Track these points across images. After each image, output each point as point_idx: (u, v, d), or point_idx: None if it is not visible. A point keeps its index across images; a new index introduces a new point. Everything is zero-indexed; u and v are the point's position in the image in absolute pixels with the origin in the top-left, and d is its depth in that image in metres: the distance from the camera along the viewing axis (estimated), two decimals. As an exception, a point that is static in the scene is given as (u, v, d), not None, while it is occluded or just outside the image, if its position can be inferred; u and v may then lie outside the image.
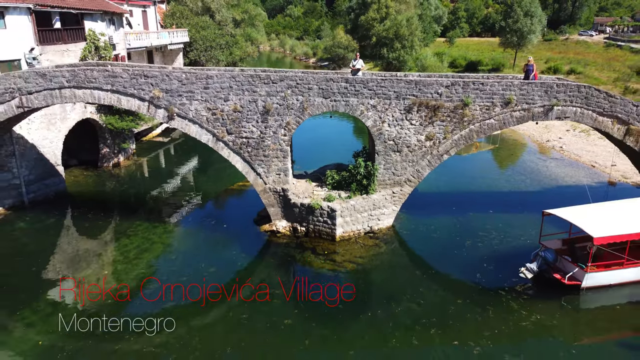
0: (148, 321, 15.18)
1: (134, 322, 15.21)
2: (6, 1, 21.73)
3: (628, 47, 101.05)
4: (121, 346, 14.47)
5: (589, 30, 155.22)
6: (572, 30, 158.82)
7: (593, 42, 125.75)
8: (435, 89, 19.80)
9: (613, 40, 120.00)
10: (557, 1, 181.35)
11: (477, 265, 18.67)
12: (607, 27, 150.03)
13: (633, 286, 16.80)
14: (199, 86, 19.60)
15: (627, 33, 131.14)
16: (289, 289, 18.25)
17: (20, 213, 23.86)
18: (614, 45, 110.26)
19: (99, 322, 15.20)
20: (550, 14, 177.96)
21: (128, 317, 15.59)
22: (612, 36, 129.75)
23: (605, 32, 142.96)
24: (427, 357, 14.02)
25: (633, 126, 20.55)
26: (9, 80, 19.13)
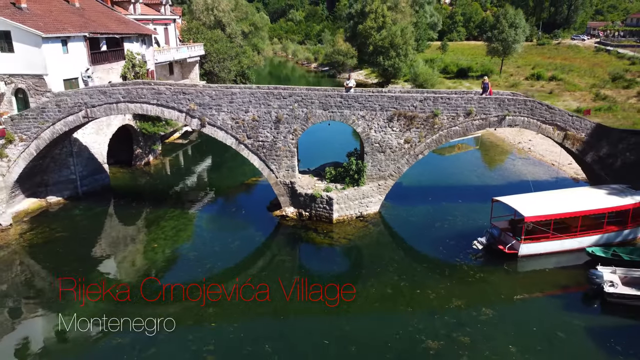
0: (192, 287, 20.24)
1: (174, 287, 20.39)
2: (69, 32, 27.08)
3: (615, 52, 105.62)
4: (162, 306, 19.72)
5: (581, 34, 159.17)
6: (565, 34, 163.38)
7: (584, 46, 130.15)
8: (411, 102, 25.10)
9: (603, 45, 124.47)
10: (553, 4, 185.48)
11: (443, 241, 23.93)
12: (599, 31, 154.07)
13: (557, 255, 22.04)
14: (225, 101, 24.93)
15: (617, 38, 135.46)
16: (295, 260, 23.68)
17: (76, 202, 29.19)
18: (603, 50, 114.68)
19: (137, 290, 20.15)
20: (547, 17, 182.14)
21: (170, 282, 20.83)
22: (603, 41, 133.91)
23: (598, 37, 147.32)
24: (403, 314, 18.88)
25: (570, 132, 25.84)
26: (78, 96, 24.49)
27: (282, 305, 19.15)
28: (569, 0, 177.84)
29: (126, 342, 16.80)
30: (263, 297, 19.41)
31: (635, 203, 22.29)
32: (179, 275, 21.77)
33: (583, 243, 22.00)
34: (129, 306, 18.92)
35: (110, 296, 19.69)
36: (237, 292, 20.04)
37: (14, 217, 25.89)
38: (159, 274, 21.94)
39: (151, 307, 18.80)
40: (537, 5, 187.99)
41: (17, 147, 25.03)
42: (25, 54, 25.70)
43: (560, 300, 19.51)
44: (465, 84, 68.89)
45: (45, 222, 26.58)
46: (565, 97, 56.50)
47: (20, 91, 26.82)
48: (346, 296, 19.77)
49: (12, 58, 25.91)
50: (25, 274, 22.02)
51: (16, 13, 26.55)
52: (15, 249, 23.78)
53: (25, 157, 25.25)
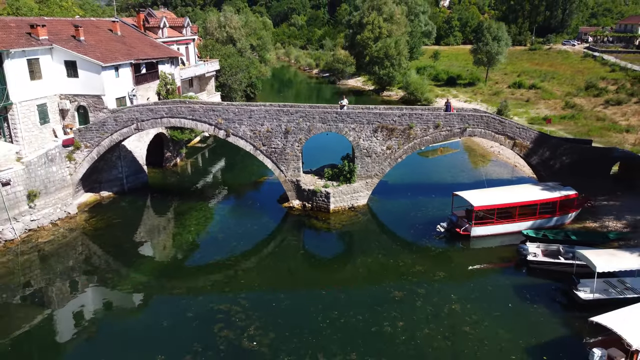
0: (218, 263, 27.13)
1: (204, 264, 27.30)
2: (120, 60, 33.96)
3: (600, 59, 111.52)
4: (195, 281, 26.63)
5: (571, 40, 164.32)
6: (558, 38, 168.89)
7: (574, 52, 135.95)
8: (392, 117, 31.90)
9: (591, 50, 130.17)
10: (549, 8, 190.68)
11: (415, 226, 30.70)
12: (589, 36, 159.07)
13: (501, 236, 28.77)
14: (246, 116, 31.76)
15: (606, 43, 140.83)
16: (301, 240, 30.53)
17: (122, 196, 36.05)
18: (591, 55, 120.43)
19: (172, 266, 26.76)
20: (542, 20, 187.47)
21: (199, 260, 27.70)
22: (592, 46, 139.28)
23: (588, 42, 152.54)
24: (380, 277, 25.78)
25: (517, 140, 32.61)
26: (131, 112, 31.36)
27: (290, 276, 25.96)
28: (564, 4, 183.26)
29: (164, 308, 22.66)
30: (275, 270, 26.29)
31: (562, 196, 29.09)
32: (208, 254, 28.40)
33: (520, 227, 28.76)
34: (166, 280, 25.26)
35: (150, 271, 26.20)
36: (255, 266, 26.89)
37: (78, 207, 32.75)
38: (190, 254, 28.74)
39: (185, 280, 25.23)
40: (533, 9, 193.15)
41: (82, 153, 31.92)
42: (87, 78, 32.57)
43: (498, 267, 26.31)
44: (452, 92, 75.64)
45: (100, 212, 33.44)
46: (539, 105, 63.11)
47: (81, 107, 33.69)
48: (340, 268, 26.66)
49: (76, 81, 32.79)
50: (85, 252, 28.56)
51: (78, 45, 33.44)
52: (80, 232, 30.57)
53: (88, 160, 32.16)
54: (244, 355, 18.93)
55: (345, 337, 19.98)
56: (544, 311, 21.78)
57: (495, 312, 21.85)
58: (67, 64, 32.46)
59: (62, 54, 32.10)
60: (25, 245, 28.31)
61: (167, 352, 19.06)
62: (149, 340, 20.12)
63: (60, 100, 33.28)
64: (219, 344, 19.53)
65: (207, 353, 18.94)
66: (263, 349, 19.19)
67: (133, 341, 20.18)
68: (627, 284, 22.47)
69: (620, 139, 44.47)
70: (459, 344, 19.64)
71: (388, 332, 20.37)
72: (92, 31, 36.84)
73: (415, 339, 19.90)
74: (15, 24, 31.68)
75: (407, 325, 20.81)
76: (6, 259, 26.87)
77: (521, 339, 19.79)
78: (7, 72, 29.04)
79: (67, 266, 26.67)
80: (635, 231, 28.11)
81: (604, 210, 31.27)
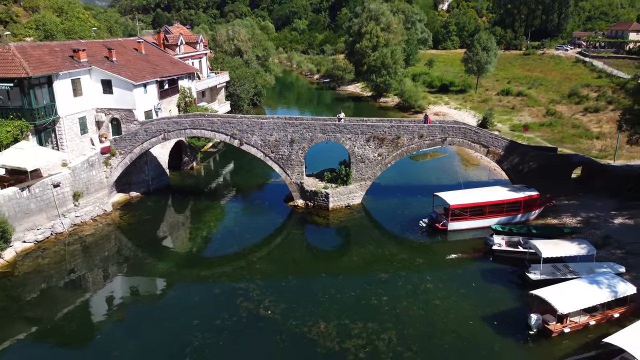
0: (232, 254, 32.47)
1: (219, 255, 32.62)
2: (148, 79, 39.27)
3: (590, 64, 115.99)
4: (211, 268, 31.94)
5: (564, 44, 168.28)
6: (552, 43, 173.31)
7: (566, 56, 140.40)
8: (382, 128, 37.14)
9: (583, 56, 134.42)
10: (545, 13, 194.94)
11: (402, 222, 35.95)
12: (582, 41, 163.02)
13: (473, 230, 33.97)
14: (257, 127, 37.03)
15: (597, 49, 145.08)
16: (304, 234, 35.79)
17: (148, 196, 41.32)
18: (581, 61, 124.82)
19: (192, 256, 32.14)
20: (538, 24, 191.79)
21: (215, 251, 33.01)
22: (584, 51, 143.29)
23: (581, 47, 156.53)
24: (371, 264, 31.15)
25: (491, 148, 37.83)
26: (159, 124, 36.67)
27: (295, 263, 31.24)
28: (560, 8, 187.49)
29: (193, 287, 27.86)
30: (283, 258, 31.59)
31: (526, 196, 34.33)
32: (225, 245, 33.65)
33: (490, 222, 33.98)
34: (191, 266, 30.52)
35: (175, 260, 31.46)
36: (266, 255, 32.17)
37: (112, 205, 38.04)
38: (209, 245, 34.01)
39: (207, 267, 30.49)
40: (530, 13, 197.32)
41: (117, 159, 37.24)
42: (121, 95, 37.89)
43: (468, 255, 31.53)
44: (444, 99, 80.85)
45: (130, 210, 38.73)
46: (523, 113, 68.24)
47: (114, 119, 38.99)
48: (337, 257, 31.94)
49: (111, 97, 38.12)
50: (119, 244, 33.79)
51: (112, 66, 38.75)
52: (115, 227, 35.84)
53: (122, 165, 37.48)
54: (261, 320, 24.22)
55: (340, 308, 25.26)
56: (501, 289, 27.05)
57: (461, 290, 27.10)
58: (104, 82, 37.78)
59: (99, 74, 37.43)
60: (71, 237, 33.60)
61: (201, 317, 24.36)
62: (184, 311, 25.38)
63: (97, 113, 38.61)
64: (241, 312, 24.85)
65: (232, 318, 24.25)
66: (276, 316, 24.49)
67: (171, 311, 25.50)
68: (569, 268, 27.67)
69: (589, 145, 49.67)
70: (430, 313, 24.91)
71: (374, 304, 25.66)
72: (121, 51, 42.12)
73: (396, 309, 25.16)
74: (59, 49, 37.01)
75: (390, 299, 26.07)
76: (57, 249, 32.16)
77: (479, 309, 25.05)
78: (56, 91, 34.38)
79: (104, 255, 31.94)
80: (586, 226, 33.33)
81: (564, 208, 36.50)
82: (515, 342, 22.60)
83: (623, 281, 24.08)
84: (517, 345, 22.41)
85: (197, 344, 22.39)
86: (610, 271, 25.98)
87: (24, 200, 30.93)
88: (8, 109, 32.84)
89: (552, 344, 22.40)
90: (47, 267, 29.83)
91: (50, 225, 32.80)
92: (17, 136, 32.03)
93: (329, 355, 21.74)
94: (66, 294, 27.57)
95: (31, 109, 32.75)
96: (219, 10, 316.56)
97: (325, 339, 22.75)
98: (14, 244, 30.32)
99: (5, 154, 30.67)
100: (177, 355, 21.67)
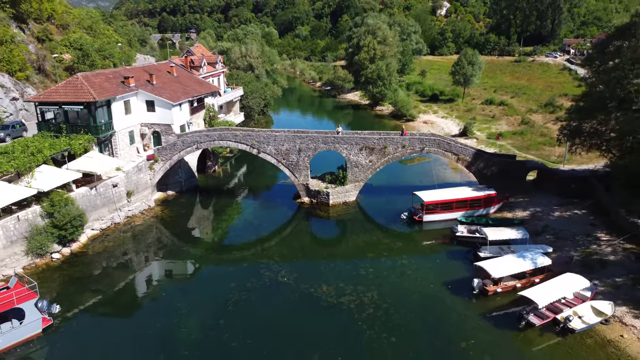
0: (244, 243, 41.54)
1: (239, 243, 41.72)
2: (182, 99, 48.35)
3: (575, 72, 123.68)
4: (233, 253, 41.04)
5: (554, 52, 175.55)
6: (544, 49, 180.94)
7: (555, 64, 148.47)
8: (372, 140, 46.09)
9: (570, 63, 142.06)
10: (539, 18, 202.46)
11: (387, 215, 44.89)
12: (571, 49, 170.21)
13: (444, 222, 42.87)
14: (272, 139, 46.03)
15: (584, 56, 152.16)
16: (309, 225, 44.83)
17: (181, 195, 50.33)
18: (568, 68, 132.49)
19: (217, 244, 41.44)
20: (533, 30, 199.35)
21: (235, 239, 42.11)
22: (572, 59, 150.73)
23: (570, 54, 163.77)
24: (363, 250, 40.18)
25: (460, 156, 46.76)
26: (193, 137, 45.69)
27: (302, 249, 40.27)
28: (554, 14, 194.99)
29: (219, 267, 37.18)
30: (293, 244, 40.62)
31: (485, 195, 43.27)
32: (244, 234, 42.60)
33: (457, 215, 42.91)
34: (216, 251, 39.45)
35: (205, 245, 40.54)
36: (279, 242, 41.17)
37: (155, 202, 47.09)
38: (231, 234, 43.02)
39: (232, 250, 39.73)
40: (525, 19, 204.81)
41: (159, 164, 46.29)
42: (161, 112, 46.91)
43: (438, 240, 40.42)
44: (434, 108, 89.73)
45: (168, 206, 47.76)
46: (501, 122, 76.93)
47: (155, 132, 48.02)
48: (336, 242, 40.92)
49: (153, 114, 47.13)
50: (160, 233, 42.69)
51: (153, 88, 47.79)
52: (157, 219, 44.83)
53: (163, 169, 46.53)
54: (280, 284, 33.26)
55: (338, 276, 34.25)
56: (458, 264, 36.02)
57: (429, 264, 36.13)
58: (148, 102, 46.82)
59: (144, 96, 46.49)
60: (125, 226, 42.65)
61: (235, 282, 33.40)
62: (222, 279, 34.43)
63: (142, 127, 47.65)
64: (264, 279, 33.92)
65: (259, 283, 33.34)
66: (290, 282, 33.54)
67: (211, 279, 34.59)
68: (511, 248, 36.58)
69: (550, 152, 58.52)
70: (403, 280, 33.89)
71: (363, 274, 34.65)
72: (158, 75, 51.13)
73: (378, 278, 34.13)
74: (112, 76, 46.08)
75: (374, 271, 35.06)
76: (116, 235, 41.19)
77: (440, 277, 34.00)
78: (113, 111, 43.44)
79: (148, 242, 40.86)
80: (532, 218, 42.26)
81: (518, 204, 45.41)
82: (462, 298, 31.57)
83: (543, 256, 33.05)
84: (464, 301, 31.37)
85: (236, 299, 31.46)
86: (541, 250, 34.87)
87: (92, 197, 39.97)
88: (78, 125, 41.90)
89: (488, 300, 31.35)
90: (110, 248, 38.85)
91: (111, 216, 41.85)
92: (86, 147, 41.09)
93: (329, 307, 30.73)
94: (123, 268, 36.54)
95: (95, 126, 41.80)
96: (223, 15, 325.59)
97: (326, 296, 31.78)
98: (86, 230, 39.36)
99: (80, 161, 39.75)
100: (223, 305, 30.74)
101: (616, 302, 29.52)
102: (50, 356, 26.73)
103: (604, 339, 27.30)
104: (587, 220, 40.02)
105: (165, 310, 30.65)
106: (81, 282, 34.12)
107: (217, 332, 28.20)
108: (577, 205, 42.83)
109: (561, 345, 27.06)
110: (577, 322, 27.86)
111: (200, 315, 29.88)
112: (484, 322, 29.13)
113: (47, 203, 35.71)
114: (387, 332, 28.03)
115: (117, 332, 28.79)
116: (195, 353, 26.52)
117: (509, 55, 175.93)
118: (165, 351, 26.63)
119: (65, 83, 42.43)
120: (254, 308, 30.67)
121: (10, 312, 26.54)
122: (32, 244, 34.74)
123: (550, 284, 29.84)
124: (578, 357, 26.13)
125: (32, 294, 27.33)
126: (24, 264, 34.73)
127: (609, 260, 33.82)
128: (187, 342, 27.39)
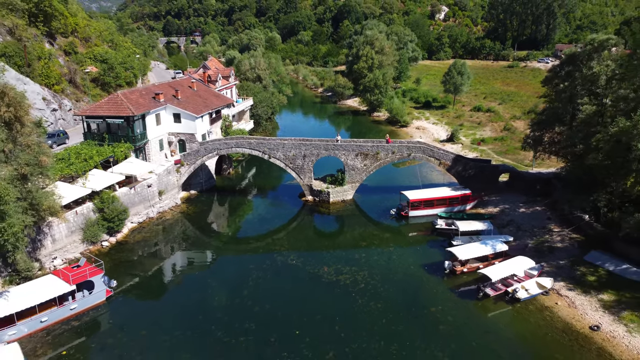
0: (257, 235, 49.59)
1: (251, 235, 49.77)
2: (204, 112, 56.35)
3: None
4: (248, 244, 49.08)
5: (546, 57, 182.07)
6: (538, 54, 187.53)
7: (546, 69, 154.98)
8: (366, 147, 54.00)
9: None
10: (535, 23, 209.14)
11: (379, 211, 52.80)
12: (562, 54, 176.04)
13: (427, 217, 50.73)
14: (281, 146, 53.97)
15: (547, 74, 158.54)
16: (312, 221, 52.81)
17: (201, 194, 58.29)
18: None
19: (233, 236, 49.61)
20: (529, 34, 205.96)
21: (248, 232, 50.16)
22: None
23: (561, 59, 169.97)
24: (357, 240, 48.15)
25: (442, 161, 54.65)
26: (214, 144, 53.68)
27: (306, 240, 48.24)
28: (548, 19, 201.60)
29: (238, 254, 45.46)
30: (298, 236, 48.59)
31: (462, 194, 51.16)
32: (256, 228, 50.49)
33: (437, 211, 50.76)
34: (234, 241, 47.56)
35: (222, 238, 48.57)
36: (287, 234, 49.10)
37: (180, 200, 55.07)
38: (245, 227, 50.96)
39: (246, 241, 47.71)
40: (520, 24, 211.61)
41: (184, 168, 54.29)
42: (186, 123, 54.87)
43: (420, 232, 48.27)
44: (426, 114, 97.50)
45: (191, 203, 55.73)
46: (486, 128, 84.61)
47: (181, 140, 55.99)
48: (335, 235, 48.94)
49: (179, 125, 55.11)
50: (184, 227, 50.60)
51: (179, 102, 55.76)
52: (183, 215, 52.77)
53: (188, 172, 54.54)
54: (289, 266, 41.23)
55: (336, 260, 42.17)
56: (435, 250, 43.90)
57: (411, 251, 44.06)
58: (175, 115, 54.80)
59: (172, 109, 54.47)
60: (158, 220, 50.61)
61: (253, 264, 41.38)
62: (240, 262, 42.42)
63: (169, 136, 55.64)
64: (277, 262, 41.91)
65: (272, 265, 41.35)
66: (298, 264, 41.54)
67: (230, 262, 42.63)
68: (480, 238, 44.42)
69: (524, 156, 66.29)
70: (389, 263, 41.80)
71: (357, 258, 42.57)
72: (181, 89, 59.08)
73: (369, 261, 42.03)
74: (145, 92, 54.07)
75: (367, 256, 42.97)
76: (150, 228, 49.14)
77: (419, 261, 41.90)
78: (147, 123, 51.44)
79: (175, 234, 48.75)
80: (500, 213, 50.12)
81: (491, 202, 53.27)
82: (435, 277, 39.49)
83: (502, 243, 40.94)
84: (436, 279, 39.28)
85: (255, 276, 39.49)
86: (503, 239, 42.71)
87: (132, 196, 47.94)
88: (119, 135, 49.90)
89: (456, 278, 39.24)
90: (147, 238, 46.81)
91: (146, 212, 49.85)
92: (126, 154, 49.09)
93: (329, 283, 38.67)
94: (159, 254, 44.57)
95: (133, 136, 49.78)
96: (227, 18, 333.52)
97: (327, 275, 39.75)
98: (127, 224, 47.34)
99: (122, 165, 47.75)
100: (245, 281, 38.73)
101: (556, 279, 37.42)
102: (114, 318, 34.69)
103: (543, 305, 35.22)
104: (545, 215, 47.86)
105: (198, 285, 38.65)
106: (127, 264, 42.08)
107: (242, 300, 36.20)
108: (539, 203, 50.68)
109: (509, 311, 34.98)
110: (522, 293, 35.75)
111: (227, 288, 37.89)
112: (451, 294, 37.06)
113: (98, 200, 43.68)
114: (374, 300, 35.98)
115: (163, 301, 36.84)
116: (226, 315, 34.48)
117: (504, 60, 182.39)
118: (204, 313, 34.60)
119: (107, 100, 50.47)
120: (270, 283, 38.66)
121: (84, 284, 34.50)
122: (87, 233, 42.69)
123: (504, 264, 37.79)
124: (521, 319, 34.05)
125: (99, 270, 35.34)
126: (81, 250, 42.70)
127: (556, 247, 41.71)
128: (219, 307, 35.38)
